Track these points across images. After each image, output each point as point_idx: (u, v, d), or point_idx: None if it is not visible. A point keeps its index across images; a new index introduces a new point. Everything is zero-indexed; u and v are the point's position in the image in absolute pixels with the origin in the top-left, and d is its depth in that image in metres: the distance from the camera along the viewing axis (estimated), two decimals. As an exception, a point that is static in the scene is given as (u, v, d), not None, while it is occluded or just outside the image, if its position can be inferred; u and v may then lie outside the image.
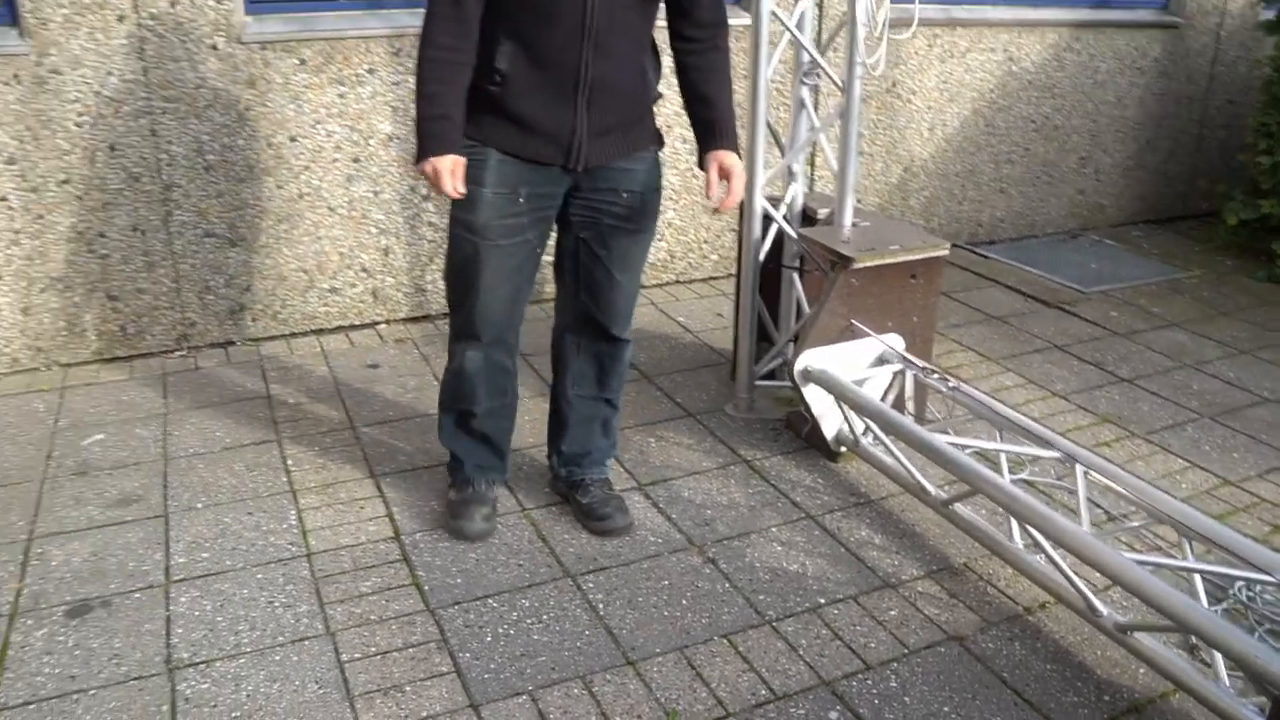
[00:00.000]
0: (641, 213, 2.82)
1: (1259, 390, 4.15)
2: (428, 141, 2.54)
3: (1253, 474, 3.49)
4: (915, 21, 3.62)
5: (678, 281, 5.14)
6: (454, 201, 2.63)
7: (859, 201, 5.34)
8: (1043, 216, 6.14)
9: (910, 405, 3.37)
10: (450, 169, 2.52)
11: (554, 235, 2.88)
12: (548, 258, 2.90)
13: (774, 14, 3.48)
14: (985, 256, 5.72)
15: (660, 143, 2.87)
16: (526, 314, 2.94)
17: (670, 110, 4.51)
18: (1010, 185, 5.93)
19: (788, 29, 3.57)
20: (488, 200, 2.65)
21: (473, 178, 2.61)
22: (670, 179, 4.86)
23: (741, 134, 2.94)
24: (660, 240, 5.00)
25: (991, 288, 5.24)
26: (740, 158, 2.79)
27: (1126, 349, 4.54)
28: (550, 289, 3.47)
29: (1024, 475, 3.34)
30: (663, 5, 2.70)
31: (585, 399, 3.07)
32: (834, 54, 4.19)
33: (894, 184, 5.52)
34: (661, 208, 4.76)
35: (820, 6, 4.85)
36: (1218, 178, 6.42)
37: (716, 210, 2.89)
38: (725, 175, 2.77)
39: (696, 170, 4.55)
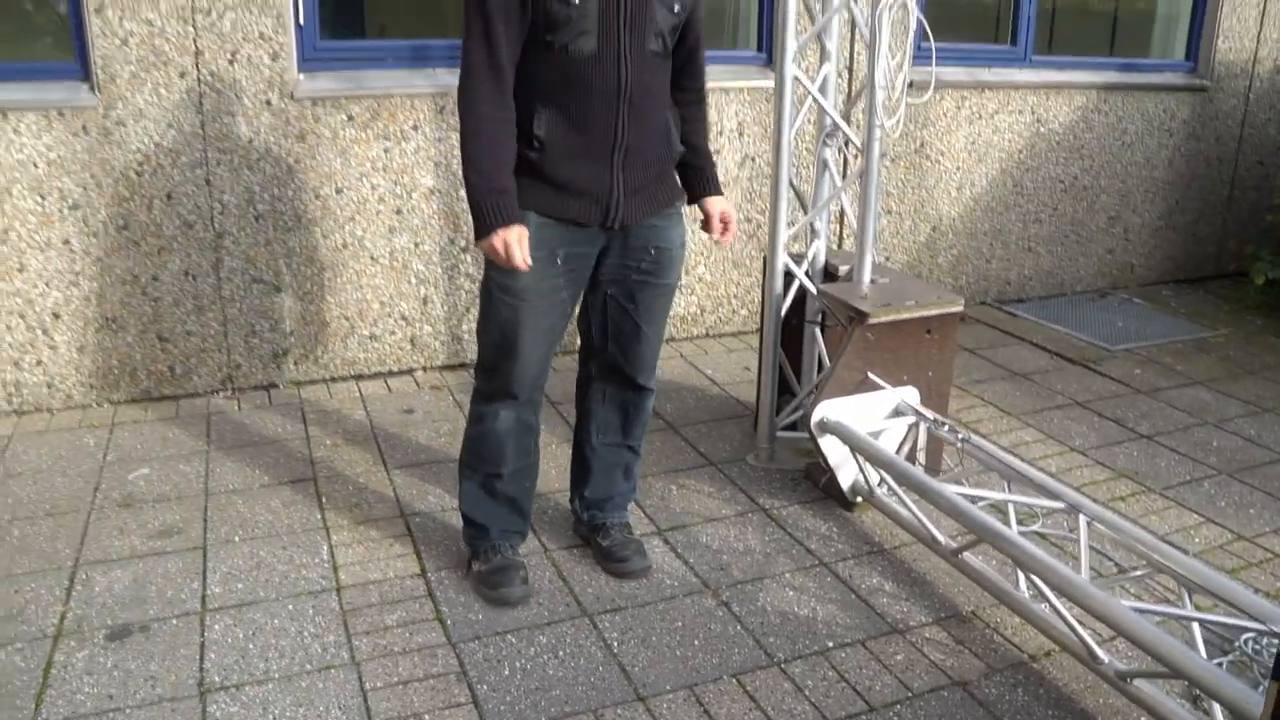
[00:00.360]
0: (668, 267, 2.94)
1: (1278, 448, 4.19)
2: (491, 217, 2.57)
3: (1267, 530, 3.53)
4: (932, 86, 3.76)
5: (707, 335, 5.26)
6: (490, 266, 2.71)
7: (887, 259, 5.48)
8: (1072, 275, 6.21)
9: (922, 456, 3.46)
10: (518, 239, 2.58)
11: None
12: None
13: (797, 78, 3.61)
14: (1013, 314, 5.80)
15: (683, 197, 3.01)
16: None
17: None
18: (1038, 244, 6.01)
19: (810, 92, 3.70)
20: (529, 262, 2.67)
21: None
22: (703, 237, 5.00)
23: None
24: (691, 294, 5.13)
25: (1018, 345, 5.31)
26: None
27: (1148, 406, 4.59)
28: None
29: (1036, 527, 3.40)
30: None
31: (610, 446, 3.18)
32: (861, 115, 4.33)
33: (922, 242, 5.63)
34: (694, 263, 4.94)
35: (850, 69, 5.01)
36: (1247, 238, 6.47)
37: (718, 243, 3.12)
38: (725, 220, 3.03)
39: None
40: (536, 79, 2.64)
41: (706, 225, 3.04)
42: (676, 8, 2.70)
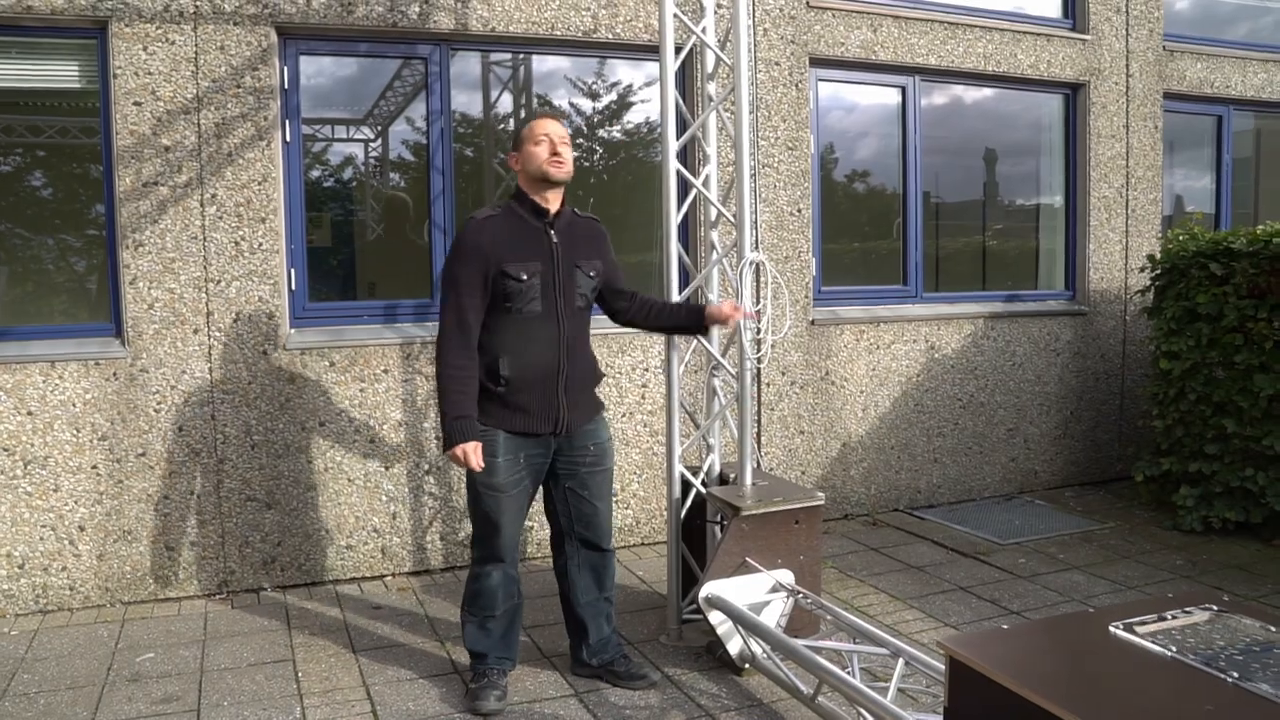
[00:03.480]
0: (605, 456, 4.05)
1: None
2: (455, 435, 3.64)
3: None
4: (786, 329, 4.65)
5: (642, 544, 6.01)
6: (470, 472, 3.74)
7: (803, 473, 6.28)
8: (979, 482, 6.99)
9: (784, 621, 4.16)
10: (474, 450, 3.65)
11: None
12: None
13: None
14: (921, 518, 6.55)
15: (604, 407, 4.16)
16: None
17: (633, 401, 5.57)
18: (944, 455, 6.83)
19: (695, 337, 4.61)
20: (501, 466, 3.78)
21: (490, 451, 3.77)
22: (633, 456, 5.84)
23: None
24: (626, 508, 5.91)
25: (919, 544, 6.04)
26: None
27: (1025, 589, 5.28)
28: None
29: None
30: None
31: (592, 602, 4.12)
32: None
33: (834, 457, 6.45)
34: (627, 480, 5.74)
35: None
36: (1128, 441, 7.28)
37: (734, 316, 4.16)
38: (729, 306, 4.16)
39: (657, 449, 5.62)
40: (501, 334, 3.78)
41: (723, 319, 4.16)
42: (592, 273, 3.94)
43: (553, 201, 3.83)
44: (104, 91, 4.91)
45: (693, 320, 4.22)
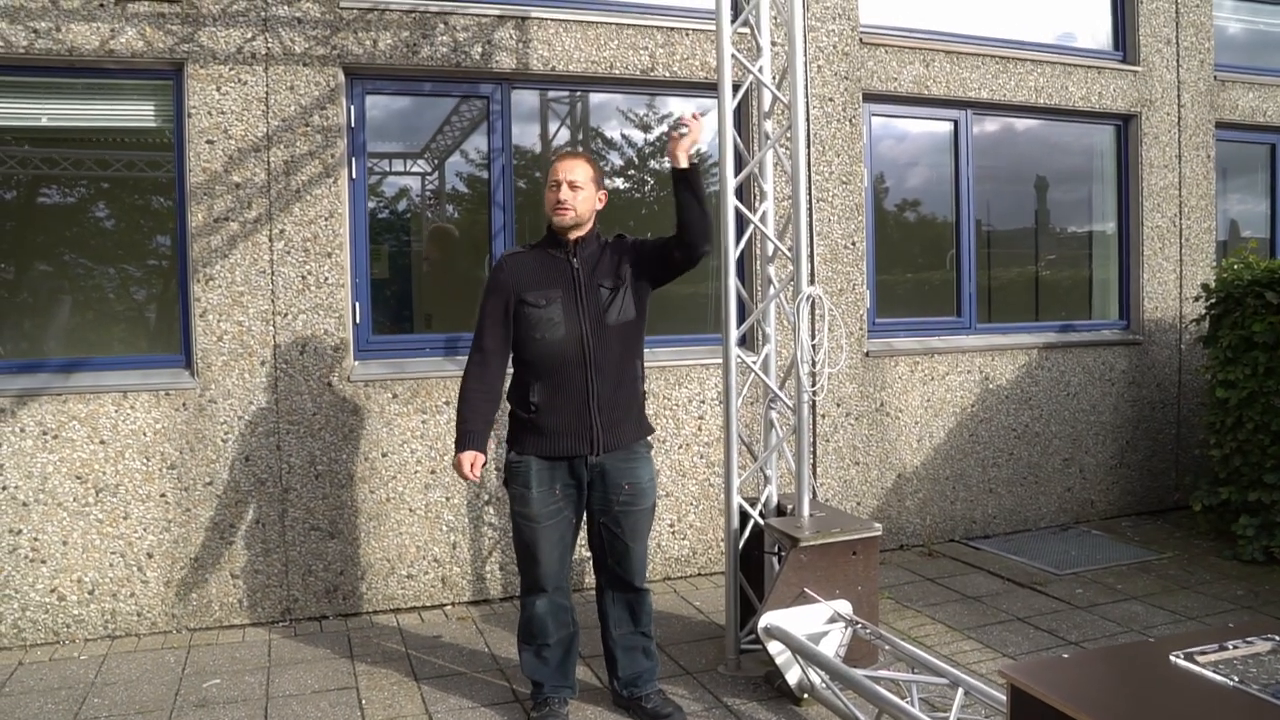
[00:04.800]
0: (641, 496, 4.00)
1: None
2: (459, 443, 3.88)
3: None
4: (842, 362, 4.68)
5: (699, 574, 6.04)
6: (513, 501, 3.91)
7: (858, 504, 6.29)
8: (1034, 512, 6.96)
9: (843, 651, 4.18)
10: (470, 461, 3.83)
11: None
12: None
13: (740, 357, 4.58)
14: (977, 549, 6.53)
15: (648, 435, 4.09)
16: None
17: (689, 432, 5.62)
18: (999, 486, 6.81)
19: (752, 369, 4.66)
20: (535, 497, 3.87)
21: (523, 482, 3.88)
22: (690, 488, 5.89)
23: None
24: (683, 539, 5.95)
25: (975, 574, 6.03)
26: (692, 182, 3.89)
27: (1083, 619, 5.25)
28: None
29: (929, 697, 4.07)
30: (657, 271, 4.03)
31: (626, 635, 4.11)
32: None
33: (889, 488, 6.46)
34: (684, 511, 5.77)
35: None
36: (1185, 471, 7.23)
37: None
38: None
39: (713, 481, 5.66)
40: (530, 362, 3.88)
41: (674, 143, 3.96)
42: (611, 285, 3.91)
43: (572, 234, 3.95)
44: (178, 130, 5.08)
45: (672, 179, 3.98)
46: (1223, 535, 6.57)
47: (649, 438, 4.11)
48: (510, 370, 4.02)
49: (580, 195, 3.90)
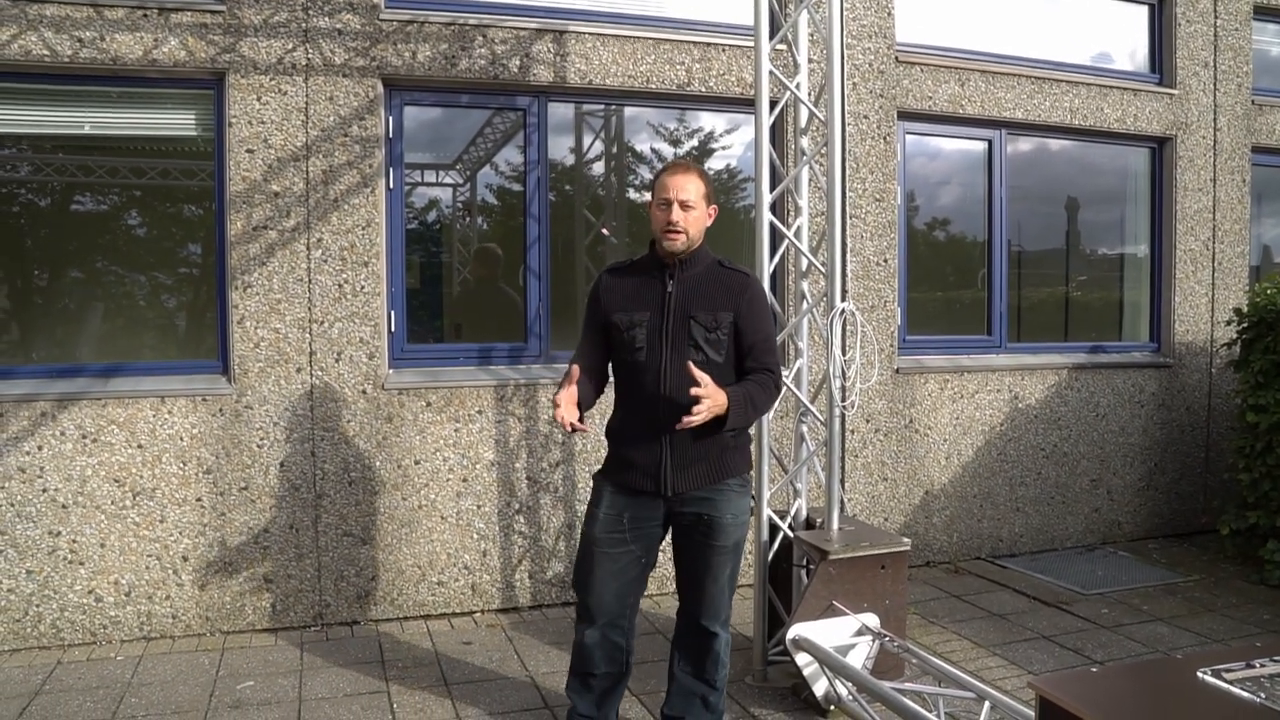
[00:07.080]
0: (720, 533, 3.59)
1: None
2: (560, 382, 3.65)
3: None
4: (874, 378, 4.71)
5: (726, 582, 6.06)
6: (586, 517, 3.65)
7: (885, 519, 6.31)
8: (1061, 532, 6.94)
9: (870, 664, 4.19)
10: (564, 399, 3.40)
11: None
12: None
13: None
14: (1003, 567, 6.53)
15: (748, 468, 3.70)
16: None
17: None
18: (1026, 505, 6.80)
19: (787, 385, 4.69)
20: (601, 519, 3.59)
21: (594, 501, 3.65)
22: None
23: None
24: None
25: (1001, 592, 6.03)
26: (730, 415, 3.41)
27: (1108, 639, 5.24)
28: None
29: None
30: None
31: (686, 674, 3.77)
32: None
33: (917, 505, 6.46)
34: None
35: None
36: (1213, 495, 7.20)
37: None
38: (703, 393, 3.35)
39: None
40: (619, 385, 3.69)
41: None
42: (711, 324, 3.53)
43: (677, 254, 3.60)
44: (219, 139, 5.16)
45: None
46: (1250, 559, 6.54)
47: (744, 475, 3.69)
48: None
49: (692, 215, 3.55)
